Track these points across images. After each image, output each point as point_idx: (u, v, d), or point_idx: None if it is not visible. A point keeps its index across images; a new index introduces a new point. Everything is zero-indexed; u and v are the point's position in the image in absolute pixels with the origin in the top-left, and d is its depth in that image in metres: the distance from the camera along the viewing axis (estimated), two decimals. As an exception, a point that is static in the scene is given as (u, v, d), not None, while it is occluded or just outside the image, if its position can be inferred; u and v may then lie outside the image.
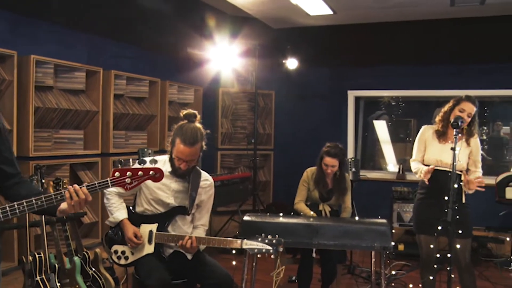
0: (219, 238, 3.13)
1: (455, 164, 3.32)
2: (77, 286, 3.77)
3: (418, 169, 3.84)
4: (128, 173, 2.24)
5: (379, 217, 3.75)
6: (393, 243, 3.60)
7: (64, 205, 2.19)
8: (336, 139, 4.49)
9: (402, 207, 6.01)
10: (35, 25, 4.44)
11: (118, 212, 3.23)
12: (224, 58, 6.23)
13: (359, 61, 7.07)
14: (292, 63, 6.71)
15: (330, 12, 5.84)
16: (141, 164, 2.31)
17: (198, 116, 3.25)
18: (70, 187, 2.15)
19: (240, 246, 3.02)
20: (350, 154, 7.17)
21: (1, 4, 4.06)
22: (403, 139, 7.74)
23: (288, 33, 6.69)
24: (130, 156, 5.11)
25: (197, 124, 3.20)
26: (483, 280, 5.21)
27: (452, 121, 3.48)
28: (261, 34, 6.44)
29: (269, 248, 2.97)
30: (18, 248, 4.04)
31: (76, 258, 3.83)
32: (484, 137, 7.46)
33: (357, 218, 3.91)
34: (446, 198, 3.31)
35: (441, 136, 3.83)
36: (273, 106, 7.53)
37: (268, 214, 3.86)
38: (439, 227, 3.47)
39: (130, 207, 3.35)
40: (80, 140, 4.89)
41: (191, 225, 3.37)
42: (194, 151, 3.11)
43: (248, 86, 7.15)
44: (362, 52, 6.89)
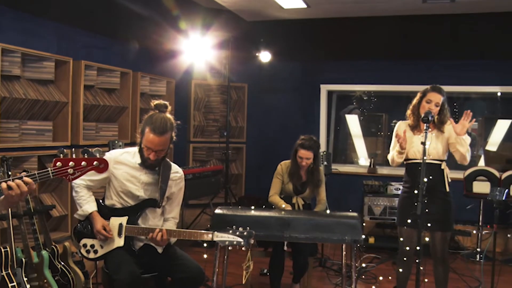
0: (190, 231, 3.10)
1: (425, 158, 3.36)
2: (45, 281, 3.70)
3: (392, 155, 3.87)
4: (71, 163, 2.15)
5: (350, 211, 3.77)
6: (364, 236, 3.63)
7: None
8: (308, 133, 4.50)
9: (373, 201, 6.08)
10: (1, 12, 4.31)
11: (87, 205, 3.18)
12: (197, 50, 6.18)
13: (332, 55, 7.10)
14: (265, 56, 6.69)
15: (304, 6, 5.84)
16: (85, 154, 2.26)
17: (169, 107, 3.23)
18: (12, 183, 2.05)
19: (211, 239, 3.00)
20: (322, 148, 7.20)
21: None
22: (375, 134, 7.81)
23: (262, 26, 6.67)
24: (102, 148, 5.05)
25: (168, 115, 3.17)
26: (450, 272, 5.27)
27: (423, 117, 3.51)
28: (234, 27, 6.41)
29: (240, 240, 2.96)
30: (-17, 242, 3.96)
31: (44, 252, 3.76)
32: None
33: (328, 212, 3.93)
34: (425, 192, 3.36)
35: (415, 129, 3.87)
36: (246, 99, 7.51)
37: (240, 207, 3.85)
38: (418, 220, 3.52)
39: (100, 200, 3.30)
40: (49, 132, 4.79)
41: (162, 218, 3.34)
42: (164, 141, 3.08)
43: (221, 79, 7.11)
44: (335, 47, 6.92)
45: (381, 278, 4.98)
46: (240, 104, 7.51)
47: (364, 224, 6.19)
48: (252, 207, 3.74)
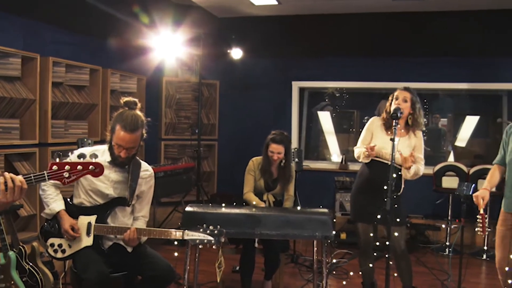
0: (160, 229, 3.08)
1: (394, 155, 3.39)
2: (12, 282, 3.61)
3: (360, 152, 3.93)
4: (67, 167, 2.15)
5: (321, 207, 3.79)
6: (334, 232, 3.65)
7: None
8: (280, 130, 4.51)
9: (345, 197, 6.13)
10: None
11: (55, 204, 3.12)
12: (168, 47, 6.14)
13: (304, 52, 7.13)
14: (237, 53, 6.69)
15: (275, 3, 5.85)
16: (81, 158, 2.22)
17: (139, 104, 3.19)
18: (6, 174, 2.04)
19: (182, 237, 2.98)
20: (294, 145, 7.23)
21: None
22: (347, 130, 7.88)
23: (233, 23, 6.65)
24: (70, 146, 4.97)
25: (138, 112, 3.14)
26: (420, 266, 5.39)
27: (392, 113, 3.56)
28: (206, 23, 6.37)
29: (211, 239, 2.95)
30: None
31: (11, 253, 3.67)
32: (424, 129, 7.69)
33: (299, 208, 3.94)
34: (385, 188, 3.39)
35: (389, 129, 3.91)
36: (218, 96, 7.49)
37: (211, 205, 3.84)
38: (378, 216, 3.56)
39: (68, 199, 3.24)
40: (16, 130, 4.70)
41: (131, 217, 3.31)
42: (135, 138, 3.05)
43: (193, 76, 7.08)
44: (307, 44, 6.94)
45: (352, 274, 5.02)
46: (212, 101, 7.49)
47: (336, 220, 6.24)
48: (223, 205, 3.73)
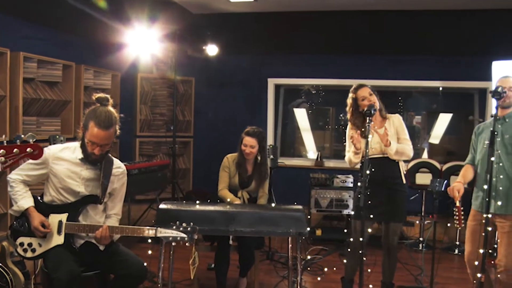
0: (133, 227, 3.05)
1: (368, 151, 3.42)
2: (-19, 282, 3.55)
3: (350, 155, 3.94)
4: (1, 151, 2.05)
5: (295, 204, 3.80)
6: (309, 229, 3.66)
7: None
8: (256, 126, 4.51)
9: (320, 193, 6.15)
10: None
11: (23, 200, 3.05)
12: (143, 43, 6.07)
13: (280, 49, 7.12)
14: (212, 50, 6.64)
15: (251, -1, 5.83)
16: (17, 141, 2.16)
17: (111, 100, 3.15)
18: None
19: (155, 235, 2.96)
20: (270, 142, 7.24)
21: None
22: (323, 127, 7.91)
23: (208, 19, 6.61)
24: (42, 144, 4.87)
25: (111, 108, 3.09)
26: (394, 262, 5.45)
27: (365, 110, 3.57)
28: (181, 19, 6.32)
29: (184, 236, 2.94)
30: None
31: (-20, 253, 3.61)
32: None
33: (273, 205, 3.94)
34: (386, 181, 3.45)
35: (359, 128, 3.94)
36: (193, 93, 7.45)
37: (185, 202, 3.81)
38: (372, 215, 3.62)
39: (38, 197, 3.18)
40: (-15, 126, 4.61)
41: (104, 215, 3.26)
42: (109, 135, 3.01)
43: (168, 72, 7.01)
44: (283, 41, 6.94)
45: (326, 270, 5.06)
46: (187, 98, 7.45)
47: (310, 217, 6.27)
48: (197, 202, 3.71)
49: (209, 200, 4.24)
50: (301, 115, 7.87)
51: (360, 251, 3.39)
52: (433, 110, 7.71)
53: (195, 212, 3.55)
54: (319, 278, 4.87)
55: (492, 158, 3.18)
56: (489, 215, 3.16)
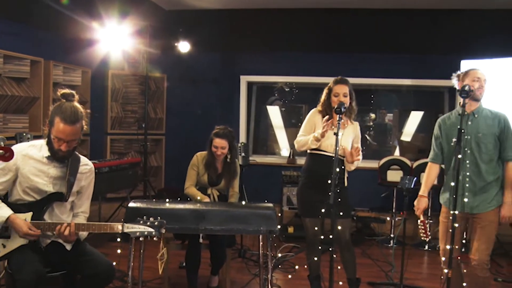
0: (100, 224, 2.98)
1: (338, 149, 3.42)
2: None
3: (306, 139, 3.87)
4: None
5: (266, 201, 3.79)
6: (279, 226, 3.66)
7: None
8: (229, 124, 4.49)
9: (292, 191, 6.16)
10: None
11: (1, 210, 2.90)
12: (114, 39, 5.99)
13: (252, 47, 7.11)
14: (184, 47, 6.60)
15: (223, -4, 5.80)
16: None
17: (76, 96, 3.09)
18: None
19: (121, 230, 2.91)
20: (242, 139, 7.23)
21: None
22: (295, 125, 7.94)
23: (181, 15, 6.56)
24: (8, 141, 4.77)
25: (76, 104, 3.03)
26: (365, 258, 5.50)
27: (335, 108, 3.57)
28: (153, 15, 6.26)
29: (151, 231, 2.89)
30: None
31: None
32: (371, 124, 7.86)
33: (244, 203, 3.92)
34: (330, 182, 3.42)
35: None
36: (165, 90, 7.38)
37: (154, 200, 3.76)
38: (323, 210, 3.58)
39: (2, 197, 3.08)
40: (-52, 123, 4.48)
41: (71, 213, 3.19)
42: (75, 130, 2.95)
43: (139, 69, 6.93)
44: (255, 38, 6.93)
45: (297, 267, 5.07)
46: (159, 95, 7.38)
47: (282, 215, 6.27)
48: (167, 200, 3.67)
49: (179, 198, 4.21)
50: (274, 113, 7.88)
51: (330, 249, 3.39)
52: (405, 108, 7.81)
53: (165, 210, 3.50)
54: (290, 276, 4.88)
55: (459, 156, 3.18)
56: (456, 212, 3.17)
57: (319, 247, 4.01)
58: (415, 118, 7.74)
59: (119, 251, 3.74)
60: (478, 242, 3.46)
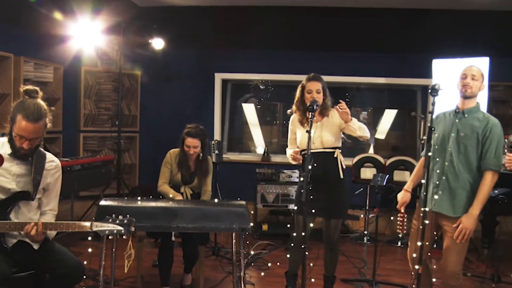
0: (68, 222, 2.93)
1: (310, 146, 3.43)
2: None
3: (288, 155, 3.96)
4: None
5: (238, 199, 3.78)
6: (252, 224, 3.66)
7: None
8: (203, 122, 4.49)
9: (266, 188, 6.16)
10: None
11: None
12: (86, 35, 5.91)
13: (227, 44, 7.08)
14: (158, 43, 6.53)
15: (198, -8, 5.76)
16: None
17: (40, 93, 3.02)
18: None
19: (90, 229, 2.87)
20: (217, 137, 7.20)
21: None
22: (270, 122, 7.94)
23: (155, 12, 6.48)
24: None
25: (40, 101, 2.97)
26: (340, 255, 5.52)
27: (308, 105, 3.58)
28: (126, 11, 6.17)
29: (121, 229, 2.86)
30: None
31: None
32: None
33: (216, 201, 3.91)
34: (326, 177, 3.46)
35: (303, 123, 3.96)
36: (139, 87, 7.31)
37: (126, 198, 3.73)
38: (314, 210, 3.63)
39: None
40: None
41: (38, 211, 3.12)
42: (38, 128, 2.88)
43: (113, 66, 6.85)
44: (230, 35, 6.91)
45: (270, 265, 5.08)
46: (133, 92, 7.31)
47: (257, 212, 6.28)
48: (139, 198, 3.64)
49: (151, 196, 4.18)
50: (250, 110, 7.87)
51: (303, 246, 3.41)
52: (379, 106, 7.87)
53: (137, 209, 3.47)
54: (263, 273, 4.88)
55: (429, 153, 3.18)
56: (427, 209, 3.19)
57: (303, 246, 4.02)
58: (389, 116, 7.82)
59: (90, 250, 3.71)
60: (449, 253, 3.35)
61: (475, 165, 3.28)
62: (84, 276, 3.31)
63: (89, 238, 3.10)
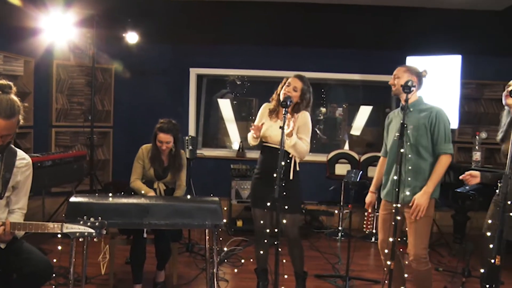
0: (37, 223, 2.86)
1: (284, 142, 3.42)
2: None
3: (250, 135, 3.97)
4: None
5: (212, 195, 3.76)
6: (225, 220, 3.64)
7: None
8: (178, 117, 4.47)
9: (240, 184, 6.15)
10: None
11: None
12: (58, 28, 5.79)
13: (203, 39, 7.01)
14: (133, 37, 6.43)
15: (173, -14, 5.69)
16: None
17: (14, 88, 2.93)
18: None
19: (60, 231, 2.81)
20: (191, 132, 7.15)
21: None
22: (246, 118, 7.92)
23: (129, 5, 6.37)
24: None
25: (13, 96, 2.89)
26: (314, 251, 5.56)
27: (282, 101, 3.58)
28: (99, 4, 6.06)
29: (92, 231, 2.81)
30: None
31: None
32: (321, 118, 7.93)
33: (189, 197, 3.88)
34: (275, 175, 3.41)
35: (272, 113, 3.97)
36: (113, 82, 7.19)
37: (97, 195, 3.67)
38: (268, 203, 3.59)
39: None
40: None
41: (6, 210, 3.04)
42: (11, 125, 2.80)
43: (86, 60, 6.72)
44: (206, 30, 6.84)
45: (243, 261, 5.09)
46: (107, 87, 7.19)
47: (231, 208, 6.27)
48: (110, 194, 3.59)
49: (123, 193, 4.13)
50: (225, 106, 7.83)
51: (276, 242, 3.39)
52: (354, 102, 7.92)
53: (108, 205, 3.42)
54: (236, 270, 4.88)
55: (402, 150, 3.23)
56: (399, 205, 3.24)
57: (265, 240, 4.01)
58: (364, 113, 7.87)
59: (60, 248, 3.64)
60: (412, 237, 3.50)
61: (430, 153, 3.48)
62: (54, 275, 3.25)
63: (59, 235, 3.02)
